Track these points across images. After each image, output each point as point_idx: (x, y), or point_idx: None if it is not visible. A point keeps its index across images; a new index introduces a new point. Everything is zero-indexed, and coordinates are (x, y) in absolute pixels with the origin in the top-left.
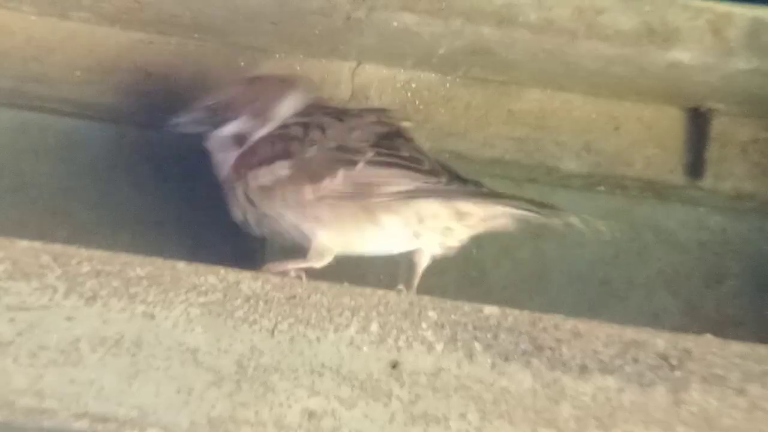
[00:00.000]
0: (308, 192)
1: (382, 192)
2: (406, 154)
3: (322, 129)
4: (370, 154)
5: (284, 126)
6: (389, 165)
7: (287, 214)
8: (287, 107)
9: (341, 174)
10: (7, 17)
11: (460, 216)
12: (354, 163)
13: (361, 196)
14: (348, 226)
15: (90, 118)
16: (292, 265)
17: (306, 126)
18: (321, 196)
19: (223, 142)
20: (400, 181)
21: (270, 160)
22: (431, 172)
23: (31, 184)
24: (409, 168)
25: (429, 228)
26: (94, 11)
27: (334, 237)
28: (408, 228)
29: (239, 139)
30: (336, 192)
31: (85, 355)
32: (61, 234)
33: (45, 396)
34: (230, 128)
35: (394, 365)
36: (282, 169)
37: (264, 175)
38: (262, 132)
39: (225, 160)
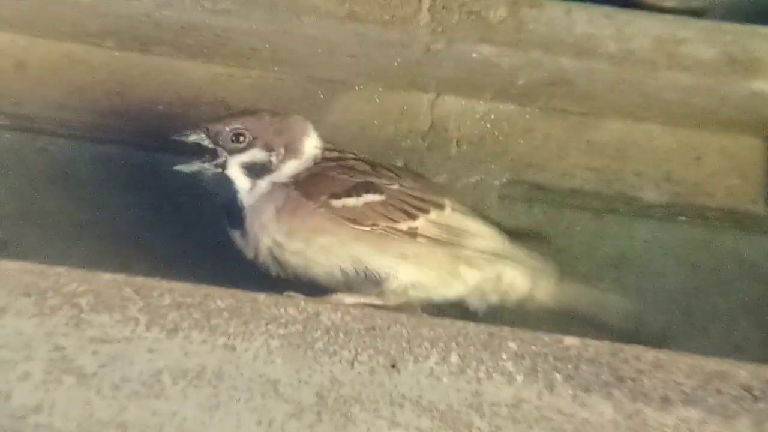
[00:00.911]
0: (403, 225)
1: (471, 245)
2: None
3: (387, 168)
4: (449, 201)
5: (338, 159)
6: (473, 215)
7: (363, 246)
8: (313, 143)
9: (434, 213)
10: (90, 52)
11: (531, 298)
12: (442, 207)
13: (451, 244)
14: (432, 271)
15: (172, 151)
16: (365, 300)
17: (368, 162)
18: (416, 233)
19: (244, 169)
20: (487, 235)
21: (357, 189)
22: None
23: (112, 217)
24: (490, 223)
25: (500, 292)
26: (175, 45)
27: (416, 278)
28: (485, 285)
29: (258, 168)
30: (430, 233)
31: (167, 386)
32: (142, 267)
33: (128, 427)
34: (249, 156)
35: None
36: (375, 198)
37: (354, 202)
38: (294, 165)
39: (261, 185)
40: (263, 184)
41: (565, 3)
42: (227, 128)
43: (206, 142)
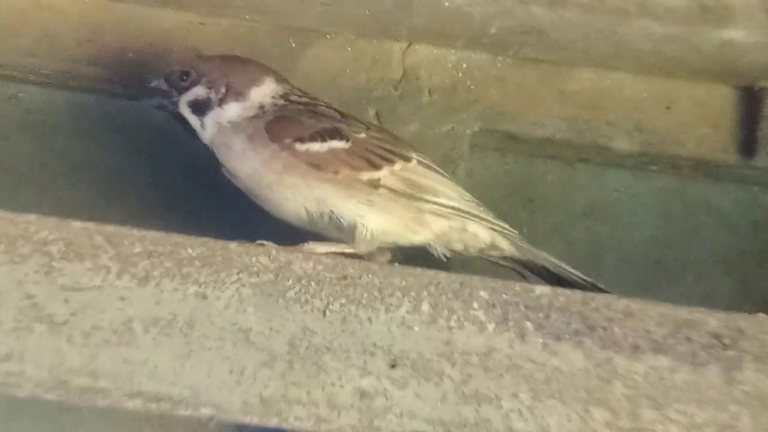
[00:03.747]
0: (365, 175)
1: (435, 201)
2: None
3: (356, 119)
4: (416, 154)
5: (308, 104)
6: (436, 170)
7: (328, 190)
8: (265, 91)
9: (399, 165)
10: None
11: (495, 248)
12: (408, 159)
13: (414, 198)
14: (399, 219)
15: (142, 98)
16: (336, 249)
17: (338, 111)
18: (378, 185)
19: (190, 107)
20: (450, 193)
21: (323, 134)
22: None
23: (84, 166)
24: (450, 178)
25: (464, 242)
26: None
27: (385, 226)
28: (451, 234)
29: (200, 104)
30: (393, 185)
31: (139, 335)
32: (114, 215)
33: (99, 375)
34: (193, 93)
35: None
36: (339, 145)
37: (318, 147)
38: (236, 108)
39: (207, 123)
40: (209, 121)
41: None
42: (177, 69)
43: (164, 86)
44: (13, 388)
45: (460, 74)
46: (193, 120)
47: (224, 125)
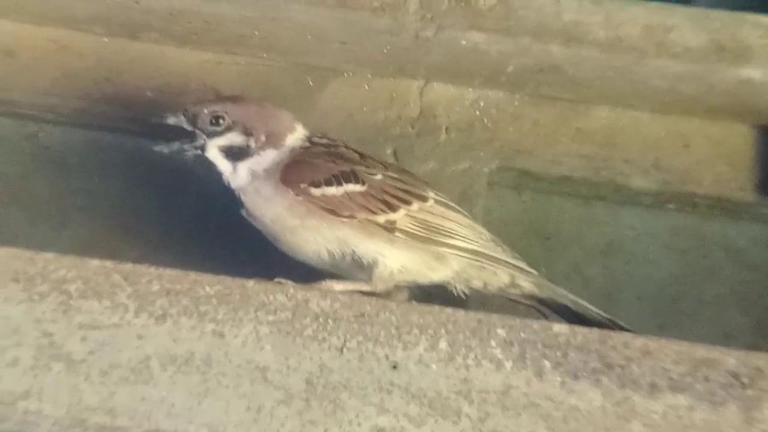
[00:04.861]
0: (381, 218)
1: (452, 244)
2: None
3: (374, 159)
4: (432, 193)
5: (328, 146)
6: (453, 209)
7: (348, 231)
8: (297, 136)
9: (416, 205)
10: (79, 39)
11: (515, 286)
12: (425, 199)
13: (431, 241)
14: (420, 257)
15: (160, 137)
16: (354, 287)
17: (357, 152)
18: (395, 227)
19: (223, 152)
20: (469, 234)
21: (338, 178)
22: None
23: (101, 203)
24: (468, 217)
25: (484, 280)
26: (164, 32)
27: (405, 264)
28: (470, 271)
29: (236, 151)
30: (409, 228)
31: (156, 373)
32: (132, 253)
33: (116, 414)
34: (227, 139)
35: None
36: (355, 188)
37: (333, 191)
38: (273, 155)
39: (240, 170)
40: (243, 168)
41: None
42: (206, 111)
43: (185, 125)
44: (31, 426)
45: (477, 112)
46: (224, 165)
47: (259, 172)
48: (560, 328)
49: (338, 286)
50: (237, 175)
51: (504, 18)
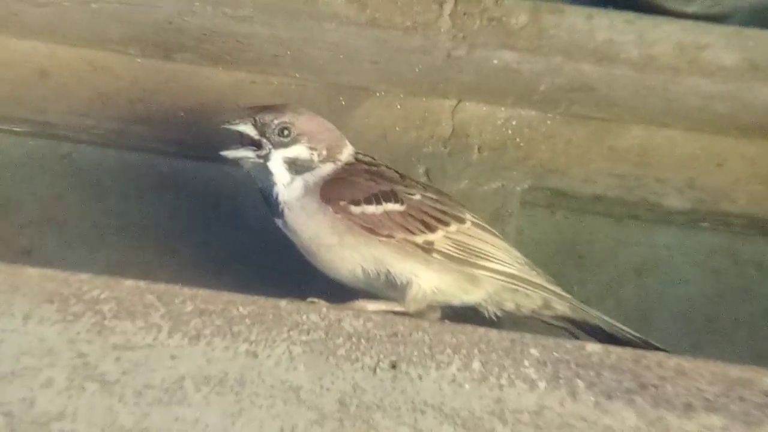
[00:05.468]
0: (419, 238)
1: (489, 267)
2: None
3: (413, 180)
4: (469, 215)
5: (370, 164)
6: (490, 231)
7: (384, 250)
8: (349, 151)
9: (454, 227)
10: (113, 60)
11: (548, 308)
12: (463, 221)
13: (467, 263)
14: (454, 279)
15: (194, 158)
16: (387, 308)
17: (398, 172)
18: (432, 249)
19: (286, 164)
20: (505, 258)
21: (378, 197)
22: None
23: (134, 224)
24: (503, 239)
25: (516, 302)
26: (197, 52)
27: (439, 285)
28: (503, 293)
29: (299, 164)
30: (447, 249)
31: (190, 393)
32: (165, 273)
33: None
34: (294, 151)
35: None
36: (394, 208)
37: (373, 210)
38: (330, 168)
39: (296, 182)
40: (300, 180)
41: (586, 9)
42: (275, 121)
43: (253, 133)
44: None
45: (510, 131)
46: (284, 178)
47: (310, 186)
48: (593, 347)
49: (371, 306)
50: (291, 188)
51: (536, 37)
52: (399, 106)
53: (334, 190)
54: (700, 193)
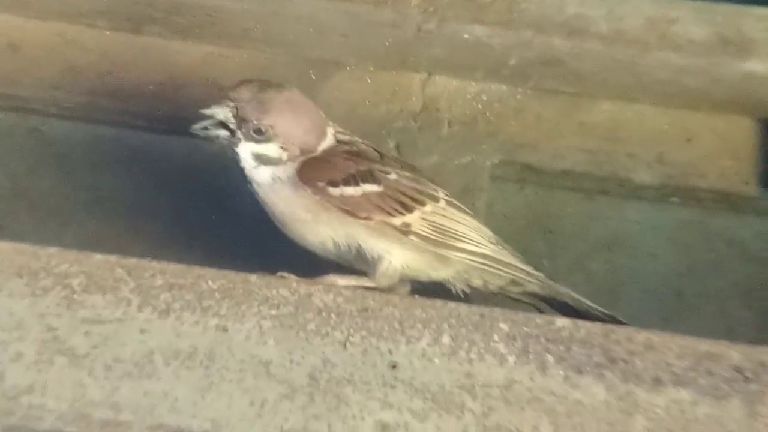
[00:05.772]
0: (397, 220)
1: (462, 248)
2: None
3: (390, 157)
4: (442, 192)
5: (348, 143)
6: (462, 210)
7: (360, 229)
8: (328, 142)
9: (429, 206)
10: (83, 33)
11: (516, 285)
12: (437, 199)
13: (443, 245)
14: (425, 258)
15: (164, 131)
16: (357, 283)
17: (377, 150)
18: (409, 230)
19: (254, 156)
20: (478, 238)
21: (356, 178)
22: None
23: (105, 198)
24: (475, 217)
25: (484, 279)
26: (166, 26)
27: (409, 263)
28: (472, 272)
29: (266, 159)
30: (423, 231)
31: (159, 367)
32: (135, 247)
33: (120, 408)
34: (264, 148)
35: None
36: (372, 188)
37: (351, 191)
38: (300, 160)
39: (263, 172)
40: (267, 171)
41: None
42: (255, 121)
43: (231, 123)
44: (35, 420)
45: (480, 106)
46: (249, 164)
47: (281, 177)
48: (563, 322)
49: (341, 280)
50: (258, 172)
51: (506, 11)
52: (369, 80)
53: (313, 171)
54: (669, 168)
